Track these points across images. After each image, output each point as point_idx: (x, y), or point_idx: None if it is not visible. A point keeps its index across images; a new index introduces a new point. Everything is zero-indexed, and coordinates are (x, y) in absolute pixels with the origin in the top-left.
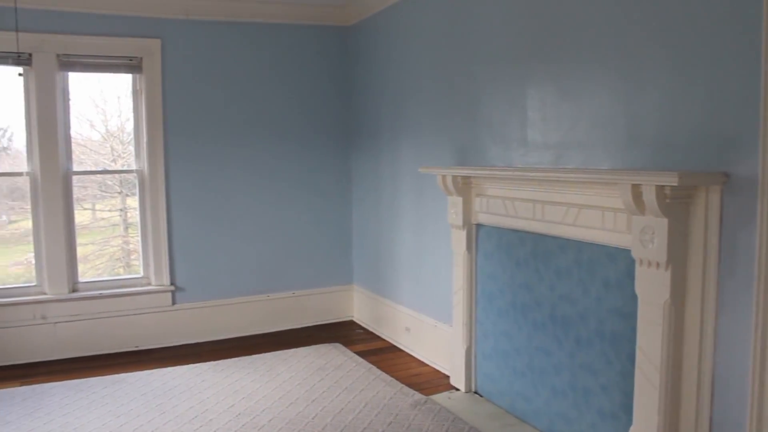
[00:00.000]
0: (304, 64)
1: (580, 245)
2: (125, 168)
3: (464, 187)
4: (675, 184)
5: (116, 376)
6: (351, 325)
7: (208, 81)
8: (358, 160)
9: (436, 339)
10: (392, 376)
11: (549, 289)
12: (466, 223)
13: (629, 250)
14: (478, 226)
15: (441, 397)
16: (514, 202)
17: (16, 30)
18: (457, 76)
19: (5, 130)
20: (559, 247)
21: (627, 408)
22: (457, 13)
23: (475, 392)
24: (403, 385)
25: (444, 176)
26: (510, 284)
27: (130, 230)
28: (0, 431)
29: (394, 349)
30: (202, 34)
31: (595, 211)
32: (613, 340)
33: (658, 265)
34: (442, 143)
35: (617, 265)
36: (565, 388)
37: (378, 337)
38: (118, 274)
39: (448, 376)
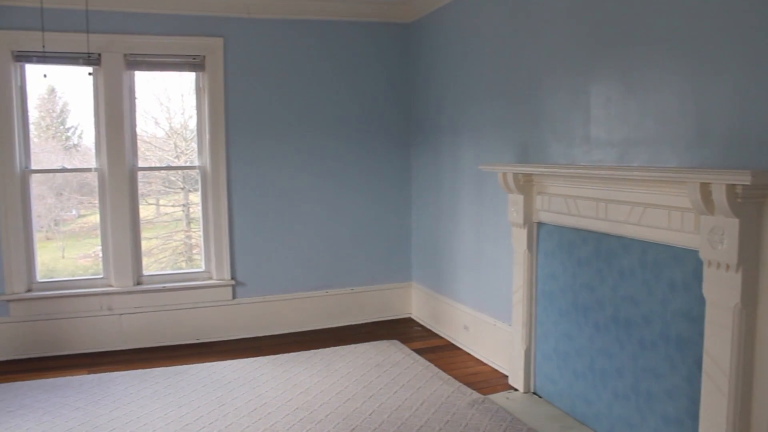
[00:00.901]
0: (364, 62)
1: (644, 245)
2: (188, 164)
3: (525, 185)
4: (747, 183)
5: (178, 367)
6: (409, 322)
7: (269, 78)
8: (418, 157)
9: (495, 338)
10: (450, 374)
11: (612, 290)
12: (527, 221)
13: (697, 251)
14: (539, 224)
15: (499, 397)
16: (577, 201)
17: (87, 31)
18: (518, 72)
19: (75, 128)
20: (623, 247)
21: (693, 414)
22: (520, 8)
23: (534, 393)
24: (460, 383)
25: (505, 174)
26: (571, 284)
27: (192, 225)
28: (70, 416)
29: (452, 347)
30: (263, 32)
31: (662, 211)
32: (678, 343)
33: (728, 267)
34: (502, 140)
35: (684, 267)
36: (627, 391)
37: (436, 335)
38: (181, 268)
39: (506, 376)
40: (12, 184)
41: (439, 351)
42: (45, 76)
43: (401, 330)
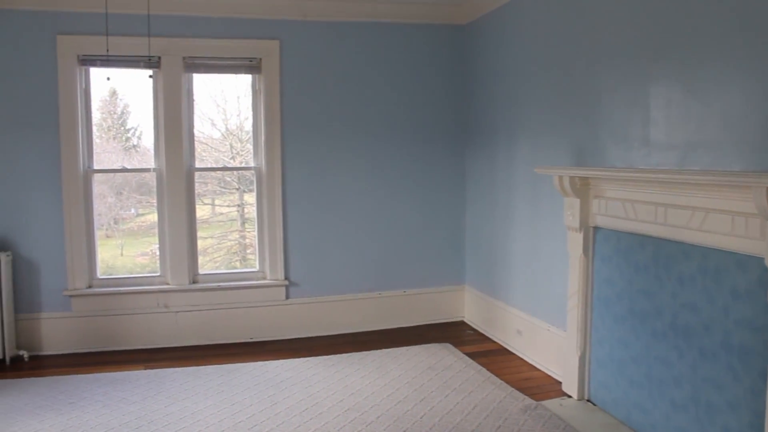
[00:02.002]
0: (418, 63)
1: (705, 251)
2: (243, 165)
3: (582, 189)
4: None
5: (231, 365)
6: (462, 325)
7: (324, 80)
8: (473, 159)
9: (549, 343)
10: (502, 379)
11: (670, 297)
12: (583, 225)
13: (762, 258)
14: (596, 228)
15: (552, 404)
16: (635, 205)
17: (148, 35)
18: (575, 74)
19: (135, 129)
20: (683, 253)
21: (757, 428)
22: (576, 8)
23: (588, 400)
24: (513, 388)
25: (561, 177)
26: (628, 290)
27: (246, 225)
28: (127, 410)
29: (504, 351)
30: (318, 35)
31: (724, 216)
32: (741, 353)
33: None
34: (558, 143)
35: (748, 274)
36: (686, 401)
37: (489, 339)
38: (235, 268)
39: (559, 382)
40: (75, 183)
41: (491, 355)
42: (108, 78)
43: (453, 333)
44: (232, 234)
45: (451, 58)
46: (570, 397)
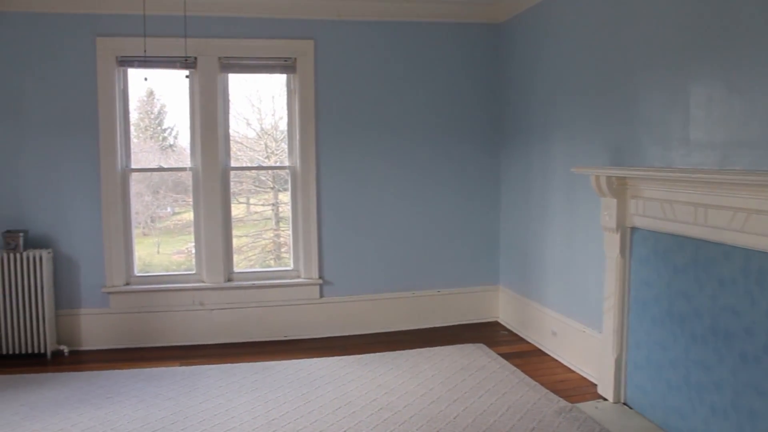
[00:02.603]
0: (453, 62)
1: (747, 253)
2: (278, 164)
3: (619, 189)
4: None
5: (265, 363)
6: (495, 326)
7: (359, 80)
8: (508, 158)
9: (584, 345)
10: (536, 380)
11: (710, 299)
12: (620, 225)
13: None
14: (633, 229)
15: (587, 406)
16: (673, 205)
17: (185, 36)
18: (612, 72)
19: (172, 129)
20: (724, 255)
21: None
22: (614, 5)
23: (624, 404)
24: (547, 390)
25: (598, 176)
26: (666, 292)
27: (281, 224)
28: (163, 405)
29: (539, 352)
30: (352, 35)
31: None
32: None
33: None
34: (595, 142)
35: None
36: (726, 407)
37: (523, 340)
38: (269, 266)
39: (595, 385)
40: (114, 182)
41: (525, 356)
42: (146, 79)
43: (487, 334)
44: (266, 233)
45: (486, 57)
46: (606, 400)
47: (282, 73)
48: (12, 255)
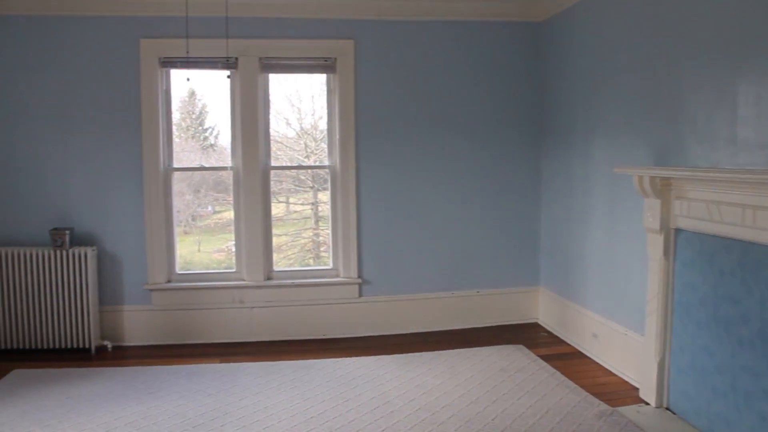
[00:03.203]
0: (493, 61)
1: None
2: (318, 164)
3: (663, 189)
4: None
5: (304, 361)
6: (535, 327)
7: (399, 79)
8: (549, 158)
9: (626, 348)
10: (576, 383)
11: (759, 304)
12: (664, 227)
13: None
14: (677, 230)
15: (629, 410)
16: (720, 206)
17: (227, 37)
18: (657, 71)
19: (213, 129)
20: None
21: None
22: (657, 2)
23: (667, 408)
24: (587, 393)
25: (641, 177)
26: (712, 295)
27: (320, 223)
28: (203, 401)
29: (579, 355)
30: (393, 34)
31: None
32: None
33: None
34: (638, 142)
35: None
36: None
37: (563, 342)
38: (308, 265)
39: (637, 388)
40: (156, 181)
41: (565, 358)
42: (188, 79)
43: (527, 335)
44: (305, 232)
45: (527, 56)
46: (647, 404)
47: (322, 72)
48: (58, 252)
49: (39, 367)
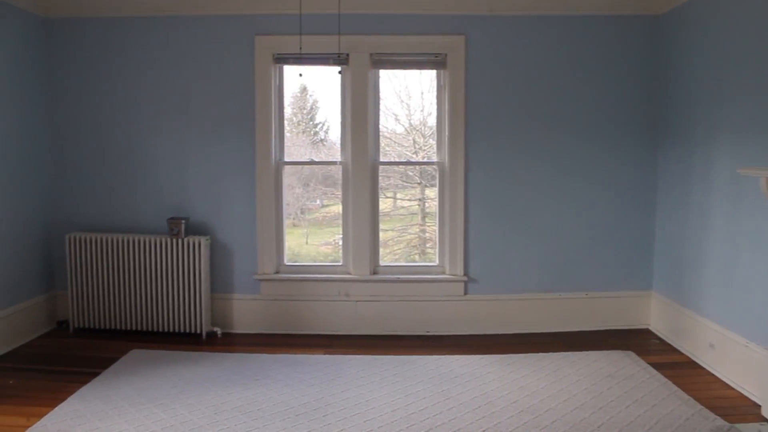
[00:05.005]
0: (607, 57)
1: None
2: (426, 160)
3: None
4: None
5: (407, 357)
6: (646, 333)
7: (510, 75)
8: (665, 158)
9: (747, 360)
10: (690, 394)
11: None
12: None
13: None
14: None
15: (749, 428)
16: None
17: (338, 33)
18: None
19: (323, 124)
20: None
21: None
22: None
23: None
24: (702, 406)
25: None
26: None
27: (426, 219)
28: (306, 391)
29: (693, 365)
30: (505, 29)
31: None
32: None
33: None
34: (766, 142)
35: None
36: None
37: (676, 350)
38: (414, 261)
39: (758, 405)
40: (268, 174)
41: (678, 368)
42: (300, 75)
43: (637, 341)
44: (412, 227)
45: (643, 51)
46: None
47: (432, 68)
48: (174, 240)
49: (154, 349)
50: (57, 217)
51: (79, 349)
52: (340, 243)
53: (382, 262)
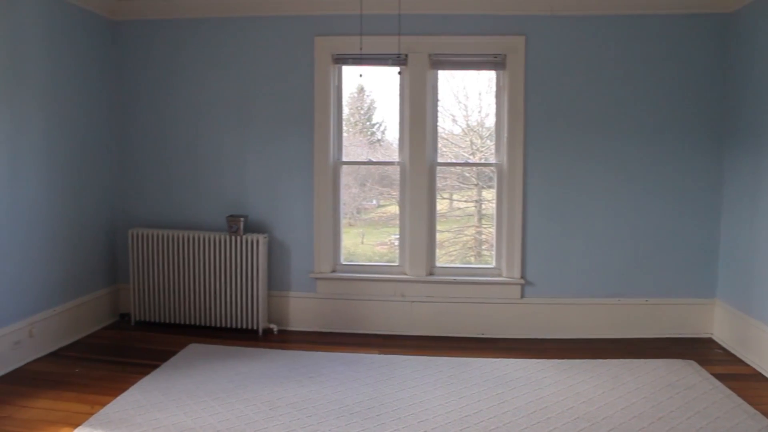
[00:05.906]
0: (671, 58)
1: None
2: (483, 161)
3: None
4: None
5: (462, 359)
6: (709, 342)
7: (571, 77)
8: (733, 161)
9: None
10: (757, 408)
11: None
12: None
13: None
14: None
15: None
16: None
17: (398, 34)
18: None
19: (380, 124)
20: None
21: None
22: None
23: None
24: None
25: None
26: None
27: (483, 221)
28: (360, 390)
29: (760, 377)
30: (566, 30)
31: None
32: None
33: None
34: None
35: None
36: None
37: (741, 361)
38: (470, 263)
39: None
40: (326, 173)
41: (743, 380)
42: (360, 75)
43: (699, 350)
44: (468, 229)
45: (710, 50)
46: None
47: (491, 69)
48: (233, 237)
49: (212, 343)
50: (121, 214)
51: (140, 341)
52: (396, 243)
53: (438, 263)
